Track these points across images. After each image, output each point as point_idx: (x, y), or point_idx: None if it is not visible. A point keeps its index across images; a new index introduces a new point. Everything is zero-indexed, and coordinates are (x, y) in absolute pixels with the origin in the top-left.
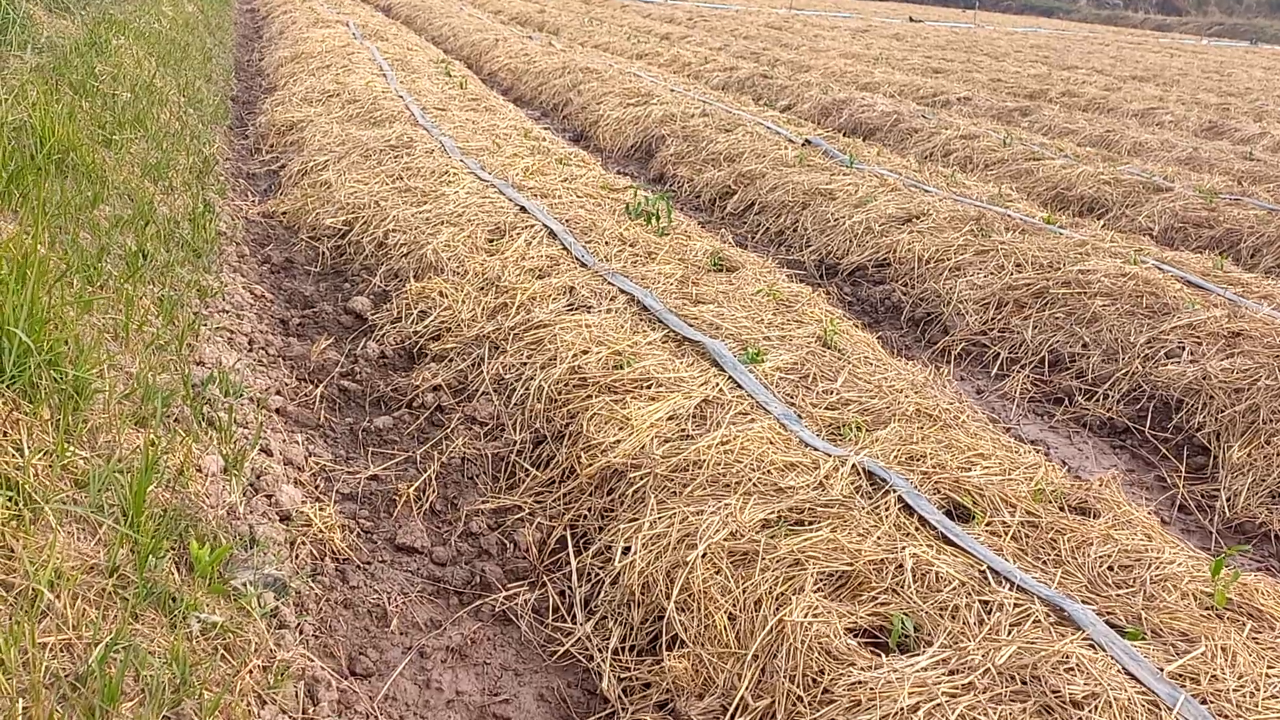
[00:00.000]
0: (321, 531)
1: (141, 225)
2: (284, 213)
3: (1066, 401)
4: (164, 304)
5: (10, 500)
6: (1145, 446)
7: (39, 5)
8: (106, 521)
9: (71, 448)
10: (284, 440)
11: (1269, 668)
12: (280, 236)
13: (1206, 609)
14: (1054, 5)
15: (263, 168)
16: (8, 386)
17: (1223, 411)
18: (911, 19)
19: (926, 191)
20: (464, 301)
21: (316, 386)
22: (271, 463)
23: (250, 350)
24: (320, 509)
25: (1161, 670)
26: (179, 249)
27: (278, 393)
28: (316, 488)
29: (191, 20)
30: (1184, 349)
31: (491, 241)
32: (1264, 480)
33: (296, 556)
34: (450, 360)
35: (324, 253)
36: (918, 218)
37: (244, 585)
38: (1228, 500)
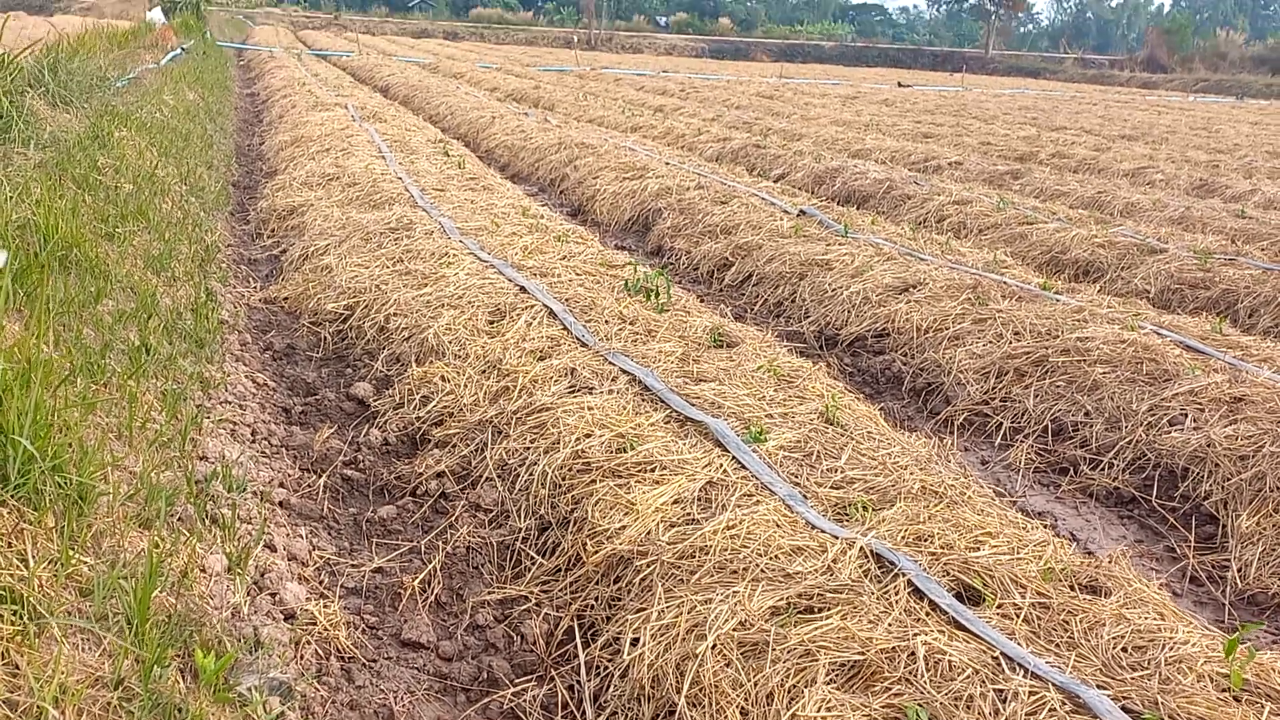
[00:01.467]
0: (326, 629)
1: (144, 318)
2: (286, 298)
3: (1072, 471)
4: (167, 398)
5: (15, 614)
6: (1153, 516)
7: (42, 101)
8: (110, 633)
9: (76, 554)
10: (288, 534)
11: None
12: (282, 322)
13: (1223, 690)
14: (1040, 66)
15: (264, 253)
16: (12, 496)
17: (1229, 480)
18: (900, 84)
19: (922, 259)
20: (466, 385)
21: (319, 476)
22: (275, 559)
23: (253, 441)
24: (325, 605)
25: None
26: (181, 340)
27: (281, 484)
28: (321, 583)
29: (193, 108)
30: (1186, 416)
31: (492, 323)
32: (1274, 550)
33: (301, 657)
34: (453, 446)
35: (326, 338)
36: (915, 286)
37: (249, 690)
38: (1239, 571)
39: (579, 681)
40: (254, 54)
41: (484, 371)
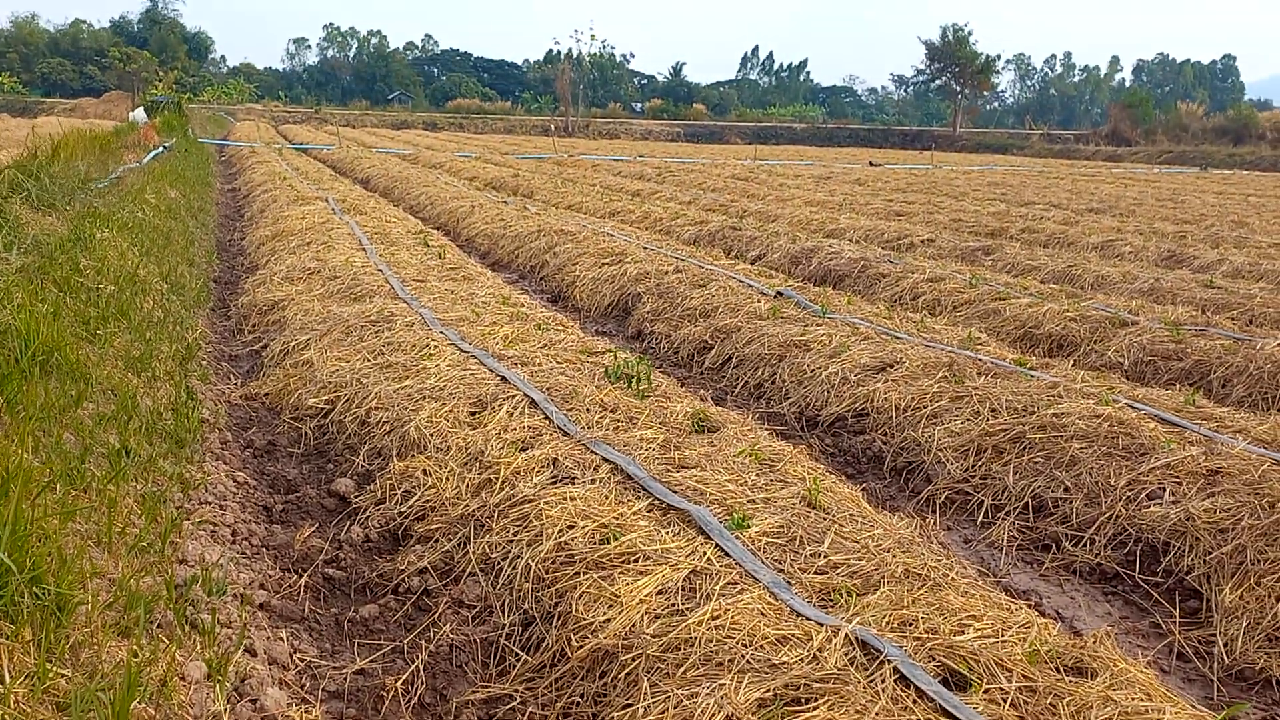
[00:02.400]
0: None
1: (124, 420)
2: (266, 394)
3: (1054, 548)
4: (147, 501)
5: None
6: (1137, 592)
7: (25, 205)
8: None
9: (53, 667)
10: (268, 638)
11: None
12: (263, 419)
13: None
14: (1007, 142)
15: (245, 349)
16: None
17: (1210, 553)
18: (871, 163)
19: (898, 338)
20: (448, 479)
21: (300, 576)
22: (256, 664)
23: (234, 542)
24: (306, 711)
25: None
26: (162, 440)
27: (261, 586)
28: (302, 687)
29: (174, 206)
30: (1164, 490)
31: (474, 414)
32: (1259, 624)
33: None
34: (436, 541)
35: (306, 433)
36: (892, 366)
37: None
38: (1225, 646)
39: None
40: (235, 150)
41: (466, 464)
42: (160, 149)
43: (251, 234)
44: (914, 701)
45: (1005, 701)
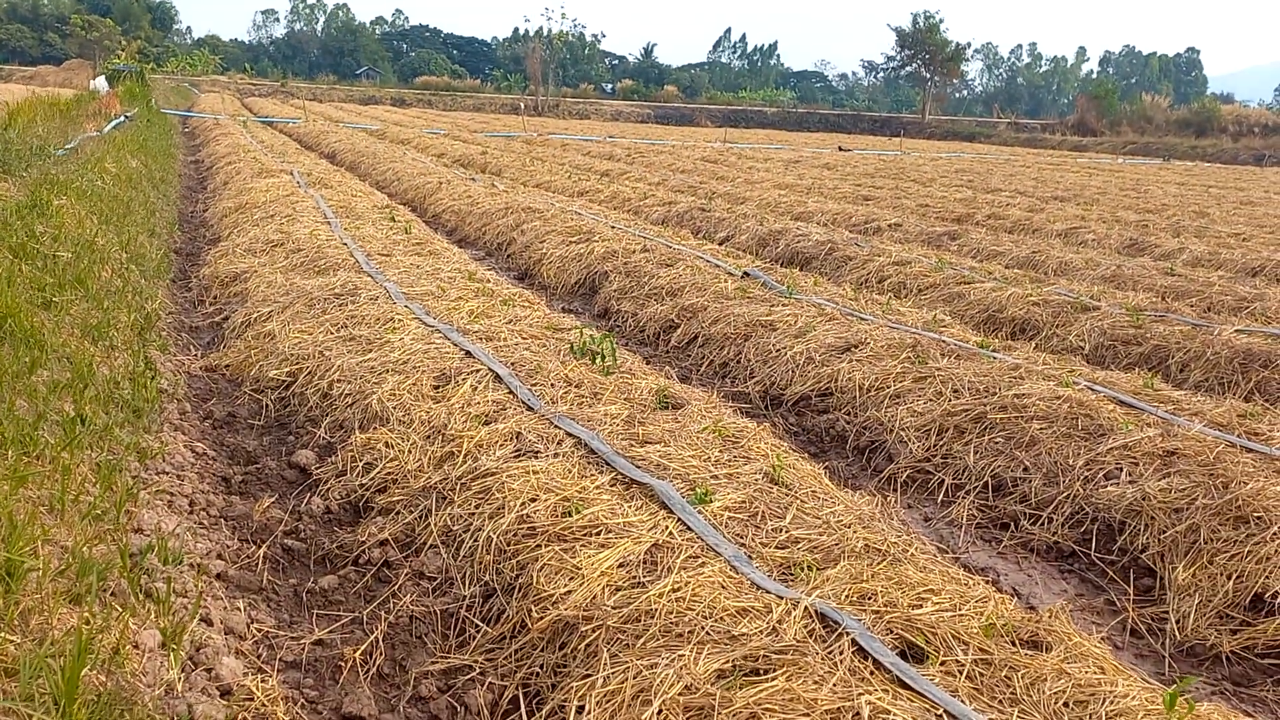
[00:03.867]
0: (264, 705)
1: (80, 388)
2: (227, 366)
3: (1013, 526)
4: (102, 470)
5: None
6: (1093, 570)
7: None
8: (37, 714)
9: (2, 633)
10: (225, 608)
11: None
12: (223, 390)
13: None
14: (975, 130)
15: (206, 320)
16: None
17: (1164, 532)
18: (841, 149)
19: (863, 320)
20: (410, 452)
21: (259, 547)
22: (212, 633)
23: (191, 512)
24: (263, 680)
25: None
26: (119, 410)
27: (219, 556)
28: (259, 656)
29: (134, 175)
30: (1121, 470)
31: (437, 388)
32: (1210, 601)
33: None
34: (397, 513)
35: (268, 405)
36: (856, 346)
37: None
38: (1177, 623)
39: None
40: (199, 121)
41: (428, 437)
42: (122, 119)
43: (215, 206)
44: (871, 673)
45: (961, 673)
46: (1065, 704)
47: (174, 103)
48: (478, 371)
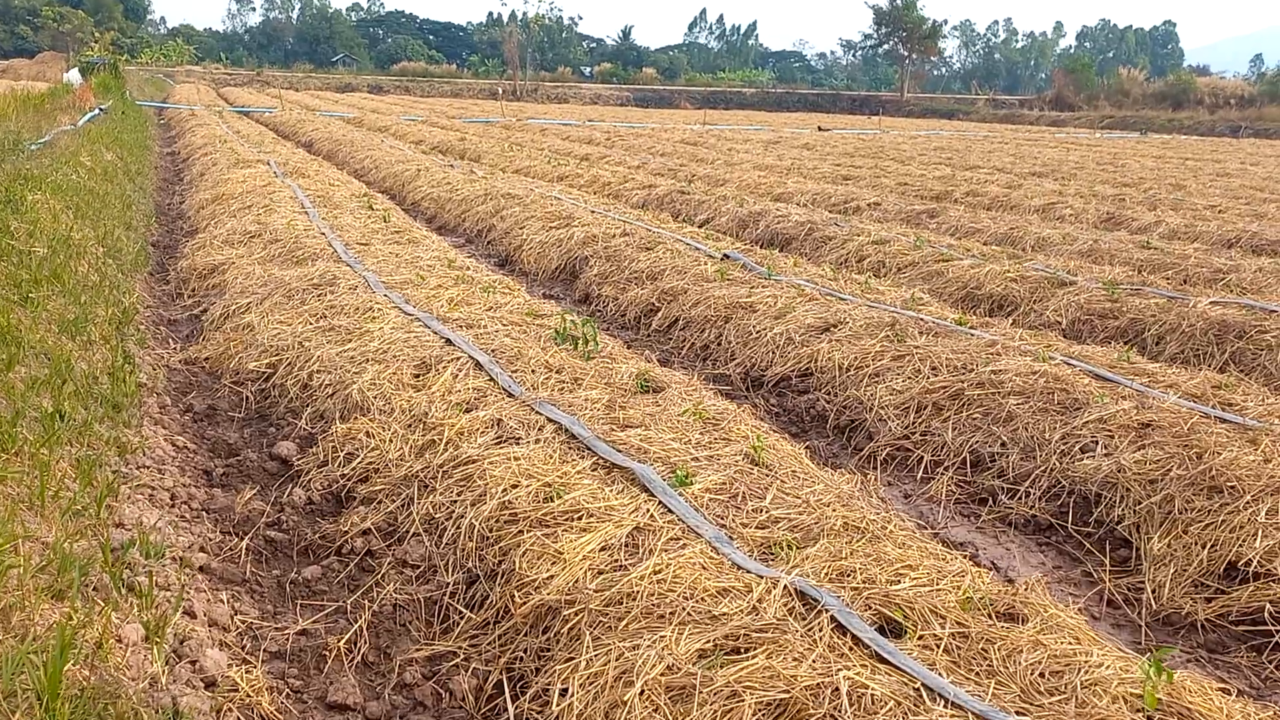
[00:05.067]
0: (249, 695)
1: (59, 384)
2: (207, 358)
3: (991, 501)
4: (82, 465)
5: None
6: (1070, 542)
7: None
8: (19, 711)
9: None
10: (208, 600)
11: None
12: (203, 383)
13: (1137, 711)
14: (954, 107)
15: (185, 313)
16: None
17: (1140, 504)
18: (820, 128)
19: (843, 300)
20: (391, 441)
21: (242, 539)
22: (195, 625)
23: (173, 506)
24: (247, 671)
25: None
26: (98, 405)
27: (201, 549)
28: (243, 648)
29: (110, 168)
30: (1097, 443)
31: (418, 377)
32: (1185, 571)
33: None
34: (379, 502)
35: (248, 397)
36: (836, 326)
37: None
38: (1153, 592)
39: None
40: (175, 112)
41: (409, 426)
42: (96, 111)
43: (191, 198)
44: (850, 648)
45: (939, 647)
46: (1041, 674)
47: (149, 94)
48: (458, 359)
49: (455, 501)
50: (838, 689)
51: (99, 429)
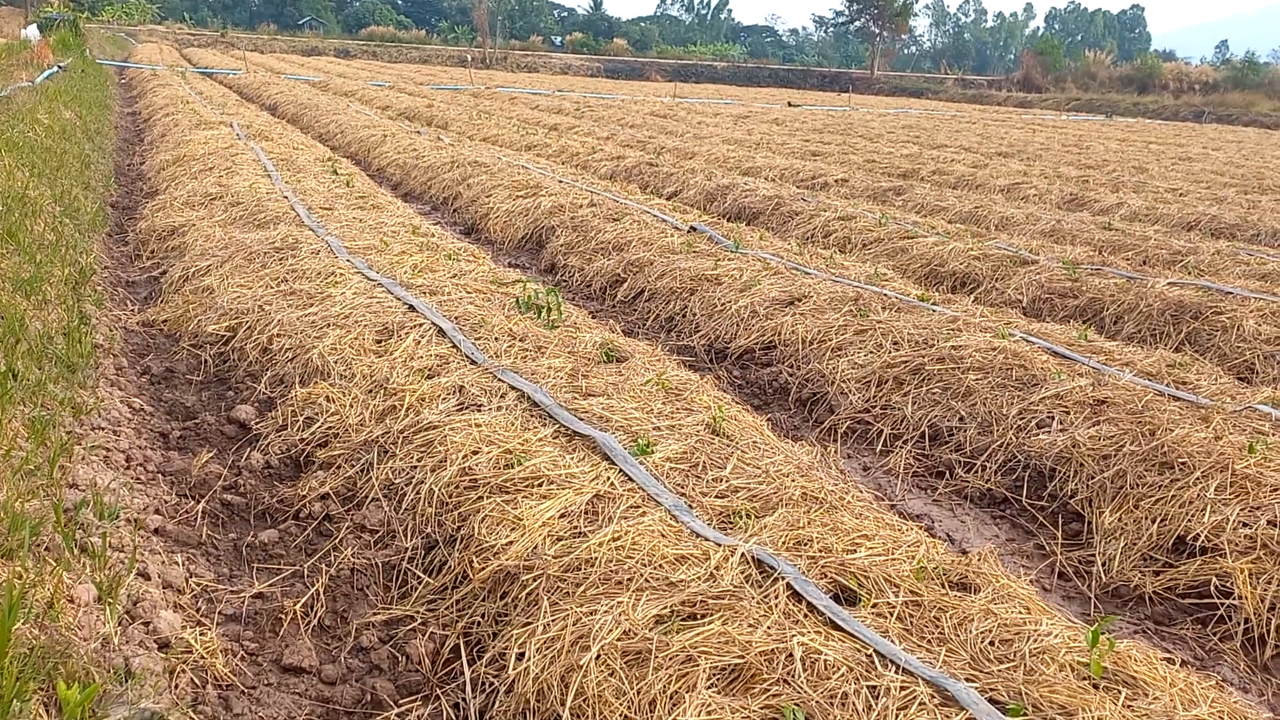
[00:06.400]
0: (203, 657)
1: (12, 343)
2: (165, 321)
3: (948, 475)
4: (35, 425)
5: None
6: (1024, 515)
7: None
8: None
9: None
10: (163, 562)
11: None
12: (161, 346)
13: (1084, 679)
14: (923, 86)
15: (143, 275)
16: None
17: (1093, 479)
18: (790, 104)
19: (808, 274)
20: (352, 406)
21: (198, 502)
22: (149, 587)
23: (128, 468)
24: (201, 633)
25: None
26: (52, 366)
27: (157, 511)
28: (198, 610)
29: (69, 127)
30: (1053, 419)
31: (380, 342)
32: (1135, 544)
33: (176, 686)
34: (338, 467)
35: (206, 361)
36: (800, 300)
37: None
38: (1103, 565)
39: (464, 699)
40: (136, 72)
41: (370, 391)
42: (55, 69)
43: (152, 159)
44: (805, 615)
45: (892, 615)
46: (991, 643)
47: (110, 53)
48: (421, 326)
49: (415, 467)
50: (791, 654)
51: (53, 389)
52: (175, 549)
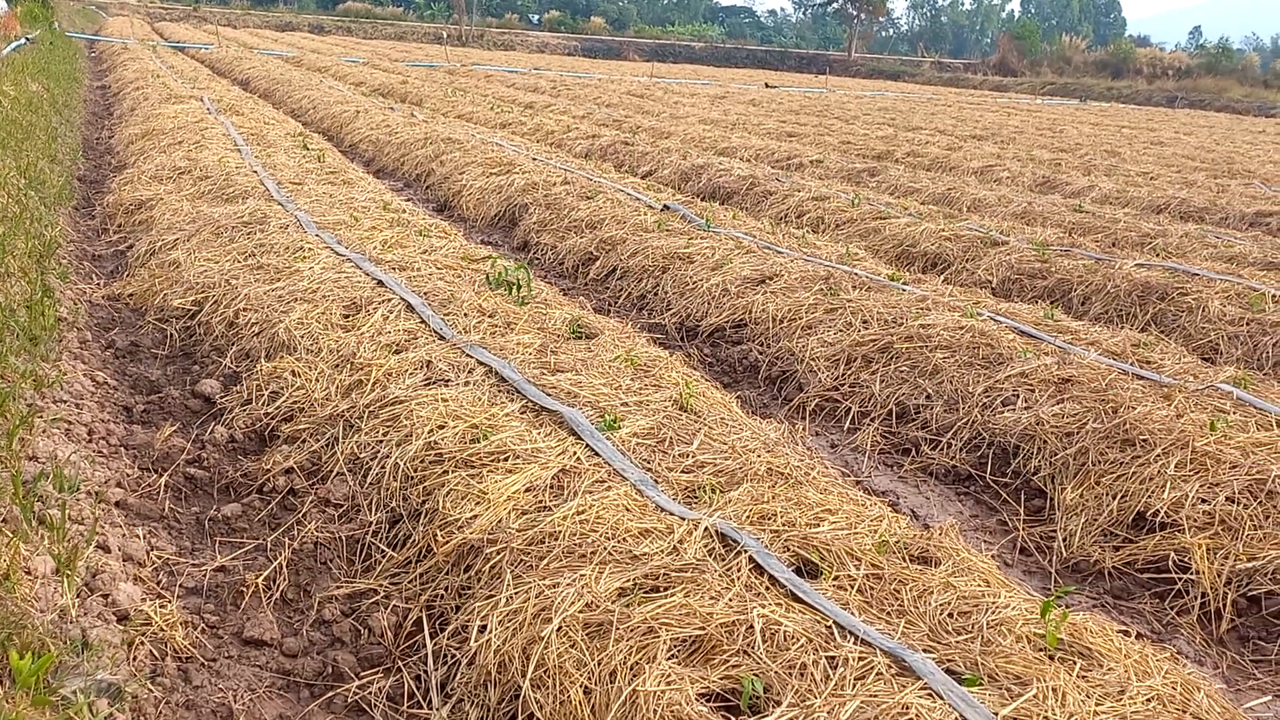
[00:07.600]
0: (162, 630)
1: None
2: (131, 294)
3: (914, 452)
4: None
5: None
6: (987, 492)
7: None
8: None
9: None
10: (124, 535)
11: (1096, 705)
12: (126, 319)
13: (1040, 650)
14: (900, 69)
15: (110, 249)
16: None
17: (1056, 455)
18: (767, 85)
19: (780, 253)
20: (318, 380)
21: (160, 475)
22: (109, 559)
23: (90, 441)
24: (161, 606)
25: (996, 715)
26: (14, 338)
27: (118, 485)
28: (158, 583)
29: (35, 99)
30: (1018, 397)
31: (347, 317)
32: (1095, 520)
33: (134, 658)
34: (303, 441)
35: (172, 335)
36: (771, 279)
37: (74, 694)
38: (1064, 540)
39: (426, 671)
40: (106, 45)
41: (337, 365)
42: (22, 40)
43: (121, 132)
44: (767, 588)
45: (853, 587)
46: (950, 614)
47: (80, 26)
48: (389, 301)
49: (381, 441)
50: (752, 626)
51: (14, 361)
52: (136, 522)
